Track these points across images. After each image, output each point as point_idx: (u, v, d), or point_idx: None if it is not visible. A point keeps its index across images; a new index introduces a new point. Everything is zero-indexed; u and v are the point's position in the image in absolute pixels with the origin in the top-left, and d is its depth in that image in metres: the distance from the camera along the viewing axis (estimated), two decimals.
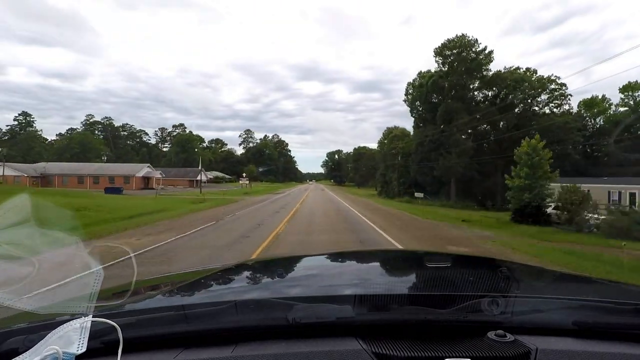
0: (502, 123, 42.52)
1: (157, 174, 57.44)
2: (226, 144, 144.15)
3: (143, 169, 55.81)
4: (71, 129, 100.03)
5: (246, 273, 1.66)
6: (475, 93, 45.54)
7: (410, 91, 49.89)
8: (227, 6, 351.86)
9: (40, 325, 0.86)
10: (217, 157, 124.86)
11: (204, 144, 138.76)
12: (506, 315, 0.90)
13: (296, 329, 0.88)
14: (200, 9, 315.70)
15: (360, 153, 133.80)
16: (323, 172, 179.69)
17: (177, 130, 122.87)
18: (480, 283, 1.32)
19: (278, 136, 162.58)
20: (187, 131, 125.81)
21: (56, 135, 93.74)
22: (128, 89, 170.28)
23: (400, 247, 9.98)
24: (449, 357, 0.77)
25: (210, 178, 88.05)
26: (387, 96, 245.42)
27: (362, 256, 2.22)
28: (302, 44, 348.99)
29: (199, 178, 71.59)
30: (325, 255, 2.08)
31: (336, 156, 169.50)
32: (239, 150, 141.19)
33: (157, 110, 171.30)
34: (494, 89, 44.54)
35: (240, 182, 68.48)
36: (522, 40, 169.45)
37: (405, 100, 50.64)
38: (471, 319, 0.90)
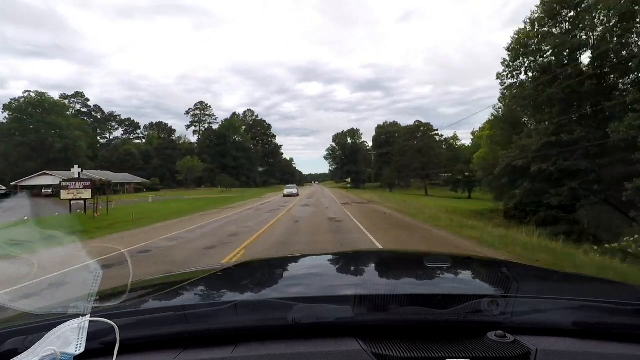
0: None
1: None
2: (174, 130, 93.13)
3: None
4: None
5: (246, 273, 1.65)
6: None
7: None
8: (224, 9, 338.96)
9: (39, 326, 0.85)
10: (152, 147, 75.98)
11: (139, 130, 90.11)
12: (506, 316, 0.90)
13: (296, 330, 0.87)
14: (197, 14, 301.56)
15: (389, 132, 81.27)
16: (328, 169, 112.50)
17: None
18: (480, 283, 1.33)
19: (253, 112, 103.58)
20: (77, 107, 77.62)
21: None
22: (129, 97, 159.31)
23: None
24: (449, 357, 0.77)
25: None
26: (388, 94, 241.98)
27: (362, 256, 2.19)
28: (302, 42, 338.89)
29: None
30: (325, 256, 2.08)
31: (349, 139, 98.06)
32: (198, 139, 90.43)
33: (159, 118, 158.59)
34: None
35: (66, 194, 22.20)
36: None
37: None
38: (471, 319, 0.90)
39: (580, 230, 15.94)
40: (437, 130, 65.82)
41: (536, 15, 23.17)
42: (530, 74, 24.19)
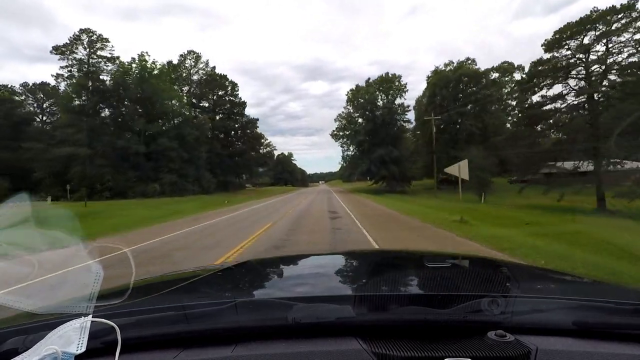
0: None
1: None
2: (60, 89, 44.82)
3: None
4: None
5: (246, 273, 1.65)
6: None
7: None
8: (229, 9, 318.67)
9: (40, 325, 0.86)
10: None
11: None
12: (506, 315, 0.90)
13: (296, 329, 0.88)
14: (202, 15, 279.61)
15: (463, 77, 41.02)
16: (341, 155, 58.30)
17: None
18: (480, 283, 1.32)
19: (200, 57, 53.58)
20: None
21: None
22: None
23: None
24: (449, 357, 0.77)
25: None
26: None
27: (362, 256, 2.18)
28: (307, 40, 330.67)
29: None
30: (325, 256, 2.10)
31: (380, 99, 45.77)
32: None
33: None
34: None
35: None
36: None
37: None
38: (471, 319, 0.90)
39: None
40: None
41: None
42: None
